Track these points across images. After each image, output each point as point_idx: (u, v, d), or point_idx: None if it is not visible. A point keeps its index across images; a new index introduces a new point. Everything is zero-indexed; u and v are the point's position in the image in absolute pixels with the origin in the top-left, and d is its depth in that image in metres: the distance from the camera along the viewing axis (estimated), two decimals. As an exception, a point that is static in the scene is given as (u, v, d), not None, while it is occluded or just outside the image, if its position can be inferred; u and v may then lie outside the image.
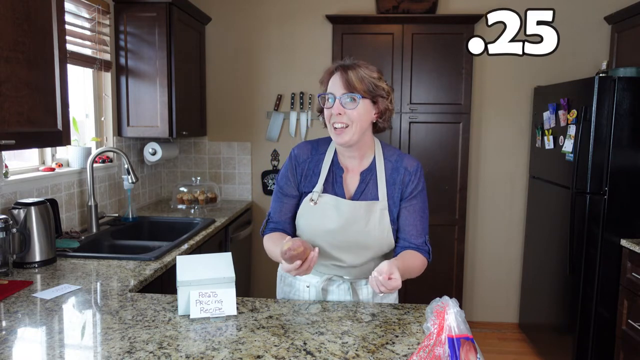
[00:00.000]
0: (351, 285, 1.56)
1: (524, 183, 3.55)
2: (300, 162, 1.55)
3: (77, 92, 2.74)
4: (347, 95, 1.40)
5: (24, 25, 1.58)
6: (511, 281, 3.63)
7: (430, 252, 1.53)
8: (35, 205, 1.93)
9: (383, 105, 1.46)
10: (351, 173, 1.53)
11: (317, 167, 1.53)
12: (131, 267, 1.90)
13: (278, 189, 1.59)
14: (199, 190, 3.24)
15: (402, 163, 1.51)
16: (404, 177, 1.50)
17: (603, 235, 2.62)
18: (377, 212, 1.47)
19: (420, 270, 1.49)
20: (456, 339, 1.00)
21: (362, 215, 1.46)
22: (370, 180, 1.51)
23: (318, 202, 1.49)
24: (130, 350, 1.19)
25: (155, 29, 2.85)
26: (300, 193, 1.56)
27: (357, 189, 1.51)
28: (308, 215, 1.52)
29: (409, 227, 1.50)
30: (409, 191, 1.50)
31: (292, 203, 1.57)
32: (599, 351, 2.69)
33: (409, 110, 3.35)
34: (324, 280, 1.55)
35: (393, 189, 1.50)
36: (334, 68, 1.46)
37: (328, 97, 1.44)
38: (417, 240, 1.50)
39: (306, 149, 1.57)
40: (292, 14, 3.50)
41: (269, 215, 1.61)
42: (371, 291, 1.57)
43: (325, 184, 1.51)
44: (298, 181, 1.55)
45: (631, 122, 2.55)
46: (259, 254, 3.65)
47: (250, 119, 3.62)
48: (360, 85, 1.40)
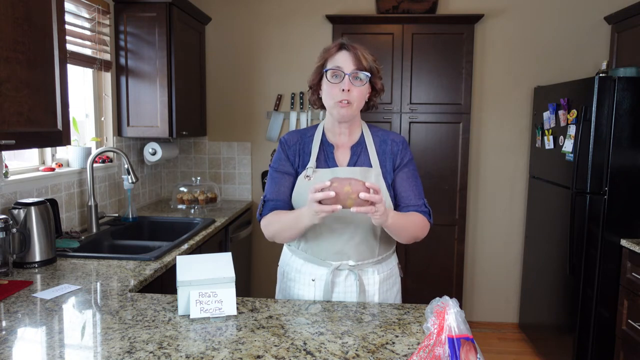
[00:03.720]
0: (358, 276, 1.54)
1: (524, 183, 3.55)
2: (291, 145, 1.58)
3: (77, 92, 2.75)
4: (358, 72, 1.46)
5: (24, 25, 1.58)
6: (511, 281, 3.63)
7: (431, 213, 1.57)
8: (35, 205, 1.93)
9: (379, 85, 1.55)
10: (341, 149, 1.57)
11: (308, 147, 1.57)
12: (131, 267, 1.90)
13: (272, 170, 1.59)
14: (199, 190, 3.24)
15: (389, 136, 1.59)
16: (392, 147, 1.57)
17: (603, 235, 2.62)
18: (372, 177, 1.51)
19: (422, 227, 1.53)
20: (456, 339, 1.00)
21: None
22: (361, 152, 1.56)
23: (313, 177, 1.51)
24: (130, 350, 1.19)
25: (155, 29, 2.85)
26: (296, 172, 1.57)
27: (350, 160, 1.55)
28: (304, 191, 1.50)
29: (406, 192, 1.55)
30: (399, 159, 1.56)
31: (289, 181, 1.57)
32: (599, 351, 2.69)
33: (409, 110, 3.35)
34: (331, 271, 1.53)
35: (384, 158, 1.55)
36: (339, 45, 1.50)
37: (335, 72, 1.47)
38: (417, 202, 1.55)
39: (295, 134, 1.62)
40: (292, 14, 3.50)
41: (265, 197, 1.58)
42: (377, 281, 1.56)
43: (318, 160, 1.55)
44: (292, 161, 1.57)
45: (631, 122, 2.55)
46: (259, 254, 3.65)
47: (250, 119, 3.62)
48: (366, 64, 1.47)
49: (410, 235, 1.51)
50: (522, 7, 3.42)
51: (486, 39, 3.45)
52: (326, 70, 1.49)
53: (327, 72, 1.49)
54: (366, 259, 1.55)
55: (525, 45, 3.44)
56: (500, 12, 3.43)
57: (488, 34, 3.46)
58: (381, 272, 1.58)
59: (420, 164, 3.33)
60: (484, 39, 3.45)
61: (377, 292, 1.57)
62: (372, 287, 1.56)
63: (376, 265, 1.57)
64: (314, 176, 1.51)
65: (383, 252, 1.59)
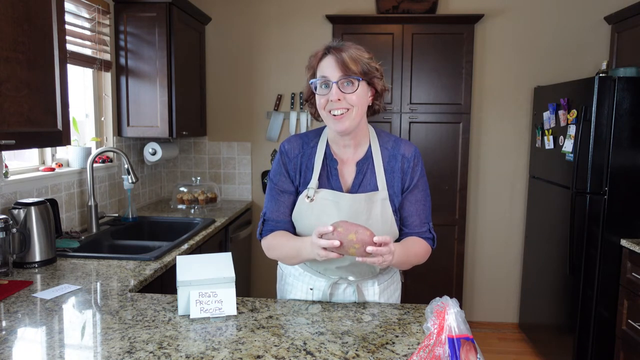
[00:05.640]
0: (357, 287, 1.51)
1: (524, 183, 3.55)
2: (292, 158, 1.47)
3: (77, 92, 2.74)
4: (345, 78, 1.32)
5: (24, 25, 1.58)
6: (511, 281, 3.63)
7: (435, 238, 1.50)
8: (35, 205, 1.93)
9: (379, 86, 1.40)
10: (346, 164, 1.46)
11: (310, 161, 1.45)
12: (131, 267, 1.90)
13: (273, 185, 1.49)
14: (199, 190, 3.24)
15: (400, 150, 1.45)
16: (402, 165, 1.44)
17: (603, 235, 2.62)
18: (378, 202, 1.40)
19: (424, 256, 1.46)
20: (456, 339, 1.00)
21: (363, 208, 1.39)
22: (367, 170, 1.44)
23: (315, 198, 1.41)
24: (130, 350, 1.19)
25: (155, 29, 2.85)
26: (296, 188, 1.48)
27: (355, 180, 1.44)
28: (305, 213, 1.43)
29: (412, 218, 1.46)
30: (409, 180, 1.44)
31: (289, 200, 1.47)
32: (599, 351, 2.69)
33: (409, 110, 3.35)
34: (330, 284, 1.51)
35: (392, 177, 1.43)
36: (324, 50, 1.36)
37: (323, 82, 1.34)
38: (421, 229, 1.47)
39: (297, 143, 1.48)
40: (292, 14, 3.50)
41: (264, 215, 1.50)
42: (377, 291, 1.53)
43: (320, 178, 1.43)
44: (292, 177, 1.47)
45: (631, 122, 2.55)
46: (259, 254, 3.65)
47: (250, 119, 3.62)
48: (356, 66, 1.32)
49: (410, 265, 1.46)
50: (522, 7, 3.42)
51: (486, 39, 3.45)
52: (312, 83, 1.38)
53: (315, 84, 1.37)
54: (366, 275, 1.51)
55: (525, 45, 3.44)
56: (500, 12, 3.43)
57: (488, 34, 3.46)
58: (381, 283, 1.55)
59: (420, 164, 3.33)
60: (484, 39, 3.45)
61: (378, 301, 1.54)
62: (371, 298, 1.54)
63: (375, 277, 1.54)
64: (315, 197, 1.41)
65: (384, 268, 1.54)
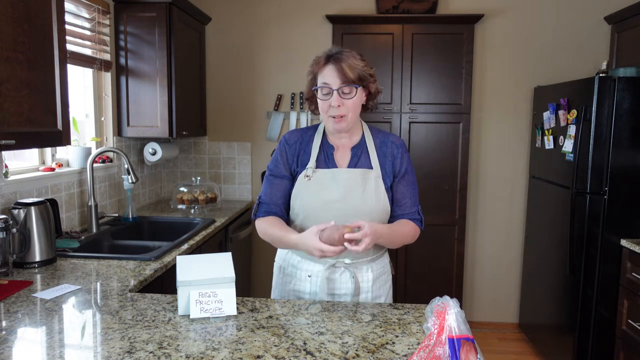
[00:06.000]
0: (354, 273, 1.59)
1: (524, 183, 3.55)
2: (291, 144, 1.62)
3: (77, 92, 2.74)
4: (344, 86, 1.49)
5: (24, 25, 1.58)
6: (511, 281, 3.63)
7: (423, 220, 1.64)
8: (35, 205, 1.93)
9: (373, 89, 1.57)
10: (342, 150, 1.61)
11: (308, 146, 1.61)
12: (131, 267, 1.90)
13: (268, 172, 1.64)
14: (199, 190, 3.24)
15: (389, 138, 1.64)
16: (392, 150, 1.61)
17: (603, 235, 2.62)
18: (372, 179, 1.56)
19: (412, 237, 1.61)
20: (456, 339, 1.00)
21: (359, 183, 1.55)
22: (361, 154, 1.60)
23: (312, 177, 1.55)
24: (130, 350, 1.19)
25: (155, 29, 2.85)
26: (292, 175, 1.61)
27: (350, 162, 1.59)
28: (304, 191, 1.56)
29: (405, 200, 1.61)
30: (399, 166, 1.60)
31: (282, 184, 1.61)
32: (599, 351, 2.69)
33: (409, 110, 3.35)
34: (327, 268, 1.57)
35: (384, 160, 1.60)
36: (325, 59, 1.53)
37: (324, 88, 1.51)
38: (412, 209, 1.62)
39: (296, 132, 1.66)
40: (292, 14, 3.50)
41: (260, 198, 1.65)
42: (371, 278, 1.62)
43: (317, 161, 1.58)
44: (290, 162, 1.61)
45: (631, 122, 2.55)
46: (259, 254, 3.65)
47: (250, 119, 3.62)
48: (354, 75, 1.49)
49: (398, 244, 1.62)
50: (522, 7, 3.42)
51: (486, 39, 3.45)
52: (315, 89, 1.55)
53: (317, 90, 1.54)
54: (361, 257, 1.60)
55: (525, 45, 3.44)
56: (500, 12, 3.43)
57: (488, 34, 3.46)
58: (375, 270, 1.64)
59: (420, 164, 3.33)
60: (484, 39, 3.45)
61: (371, 288, 1.63)
62: (366, 284, 1.62)
63: (370, 263, 1.63)
64: (313, 176, 1.55)
65: (376, 252, 1.65)
